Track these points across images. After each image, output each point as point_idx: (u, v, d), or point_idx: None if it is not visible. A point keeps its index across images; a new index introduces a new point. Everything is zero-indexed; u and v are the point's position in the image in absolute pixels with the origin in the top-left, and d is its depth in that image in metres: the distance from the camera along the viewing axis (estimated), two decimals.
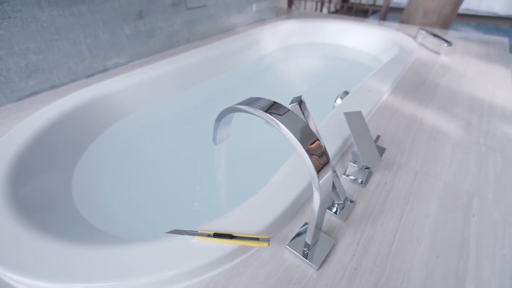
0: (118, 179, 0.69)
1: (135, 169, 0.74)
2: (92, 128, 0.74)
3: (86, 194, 0.59)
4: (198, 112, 1.01)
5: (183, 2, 1.12)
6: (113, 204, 0.61)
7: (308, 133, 0.26)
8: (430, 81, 0.90)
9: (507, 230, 0.42)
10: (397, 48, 1.16)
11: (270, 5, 1.53)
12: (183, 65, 1.02)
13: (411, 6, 1.69)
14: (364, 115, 0.65)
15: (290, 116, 0.27)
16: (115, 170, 0.71)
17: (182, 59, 1.03)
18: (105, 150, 0.73)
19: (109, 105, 0.80)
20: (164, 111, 0.96)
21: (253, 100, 0.30)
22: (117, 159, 0.75)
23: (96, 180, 0.65)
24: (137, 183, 0.70)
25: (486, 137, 0.64)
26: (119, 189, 0.66)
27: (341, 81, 1.24)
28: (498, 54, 1.15)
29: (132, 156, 0.78)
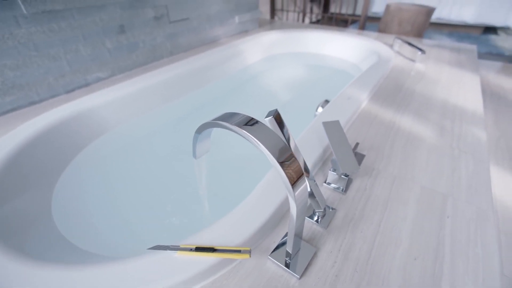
0: (99, 195, 0.68)
1: (117, 185, 0.73)
2: (73, 144, 0.72)
3: (67, 212, 0.57)
4: (183, 125, 1.01)
5: (166, 16, 1.13)
6: (95, 222, 0.59)
7: (282, 147, 0.27)
8: (407, 88, 0.94)
9: (479, 229, 0.44)
10: (375, 56, 1.21)
11: (252, 16, 1.56)
12: (166, 78, 1.02)
13: (387, 16, 1.77)
14: (344, 123, 0.68)
15: (264, 131, 0.28)
16: (97, 187, 0.70)
17: (165, 72, 1.04)
18: (86, 167, 0.72)
19: (90, 120, 0.79)
20: (148, 125, 0.95)
21: (229, 115, 0.31)
22: (99, 175, 0.74)
23: (76, 198, 0.64)
24: (119, 198, 0.69)
25: (459, 140, 0.67)
26: (101, 206, 0.65)
27: (323, 89, 1.28)
28: (468, 60, 1.21)
29: (114, 172, 0.77)
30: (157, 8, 1.08)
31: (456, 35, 2.92)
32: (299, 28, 1.63)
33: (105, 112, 0.85)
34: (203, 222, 0.61)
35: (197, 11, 1.25)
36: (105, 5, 0.92)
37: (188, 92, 1.10)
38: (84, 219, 0.59)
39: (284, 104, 1.18)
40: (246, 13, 1.52)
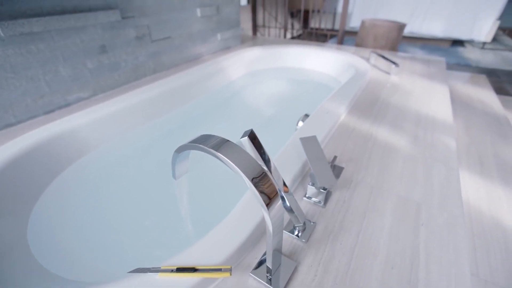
0: (78, 219, 0.66)
1: (98, 207, 0.72)
2: (51, 167, 0.71)
3: (44, 238, 0.56)
4: (166, 142, 1.01)
5: (148, 35, 1.15)
6: (74, 247, 0.58)
7: (256, 168, 0.29)
8: (383, 99, 0.99)
9: (451, 235, 0.47)
10: (353, 69, 1.26)
11: (234, 33, 1.61)
12: (149, 96, 1.03)
13: (363, 31, 1.87)
14: (323, 136, 0.70)
15: (238, 153, 0.29)
16: (76, 210, 0.68)
17: (148, 90, 1.05)
18: (65, 190, 0.70)
19: (70, 142, 0.77)
20: (131, 143, 0.95)
21: (205, 138, 0.32)
22: (78, 198, 0.72)
23: (54, 223, 0.62)
24: (100, 221, 0.67)
25: (431, 149, 0.70)
26: (80, 230, 0.63)
27: (305, 102, 1.32)
28: (437, 72, 1.29)
29: (95, 194, 0.76)
30: (139, 28, 1.10)
31: (428, 47, 3.09)
32: (280, 43, 1.69)
33: (86, 132, 0.84)
34: (185, 241, 0.60)
35: (179, 30, 1.27)
36: (86, 26, 0.92)
37: (171, 110, 1.11)
38: (62, 245, 0.57)
39: (267, 119, 1.21)
40: (227, 30, 1.56)
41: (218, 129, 1.12)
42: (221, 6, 1.48)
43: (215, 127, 1.13)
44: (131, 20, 1.06)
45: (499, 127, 1.17)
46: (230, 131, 1.12)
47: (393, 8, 3.13)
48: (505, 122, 1.21)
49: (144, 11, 1.10)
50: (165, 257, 0.39)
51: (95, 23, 0.94)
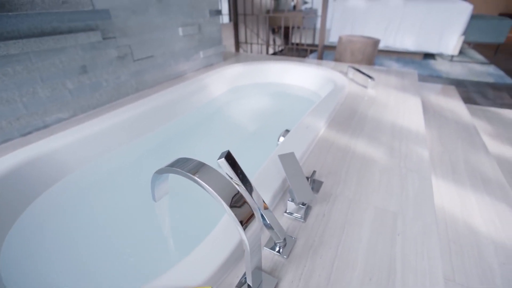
0: (55, 245, 0.64)
1: (76, 233, 0.69)
2: (27, 192, 0.69)
3: (18, 269, 0.53)
4: (150, 161, 1.00)
5: (130, 55, 1.16)
6: (50, 276, 0.55)
7: (231, 190, 0.30)
8: (360, 113, 1.03)
9: (425, 243, 0.49)
10: (332, 84, 1.32)
11: (216, 51, 1.64)
12: (132, 115, 1.03)
13: (340, 47, 1.96)
14: (303, 151, 0.72)
15: (214, 176, 0.30)
16: (53, 236, 0.66)
17: (130, 109, 1.04)
18: (41, 216, 0.68)
19: (48, 165, 0.76)
20: (112, 164, 0.93)
21: (182, 161, 0.33)
22: (55, 223, 0.70)
23: (29, 251, 0.60)
24: (77, 247, 0.65)
25: (406, 160, 0.74)
26: (58, 257, 0.61)
27: (287, 116, 1.35)
28: (410, 84, 1.37)
29: (73, 218, 0.73)
30: (121, 48, 1.11)
31: (403, 60, 3.27)
32: (262, 60, 1.74)
33: (65, 154, 0.82)
34: (167, 263, 0.59)
35: (161, 49, 1.29)
36: (65, 47, 0.92)
37: (155, 128, 1.11)
38: (36, 274, 0.55)
39: (250, 134, 1.23)
40: (210, 48, 1.59)
41: (202, 146, 1.12)
42: (203, 25, 1.52)
43: (199, 144, 1.14)
44: (112, 40, 1.07)
45: (468, 135, 1.24)
46: (214, 148, 1.13)
47: (368, 25, 3.31)
48: (473, 130, 1.28)
49: (125, 31, 1.11)
50: (146, 280, 0.39)
51: (75, 44, 0.94)
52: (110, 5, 1.04)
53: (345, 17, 3.39)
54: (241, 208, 0.29)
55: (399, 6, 3.16)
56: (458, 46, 3.01)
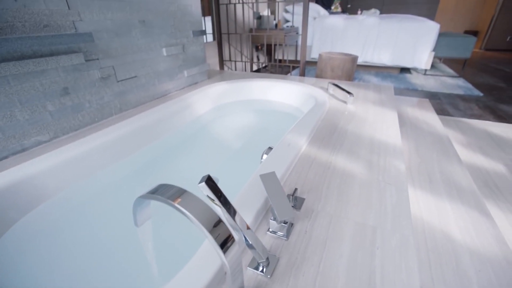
0: (35, 273, 0.61)
1: (57, 259, 0.67)
2: (2, 219, 0.66)
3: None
4: (133, 183, 0.99)
5: (113, 75, 1.16)
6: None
7: (211, 216, 0.31)
8: (340, 128, 1.07)
9: (403, 256, 0.51)
10: (313, 100, 1.37)
11: (200, 70, 1.68)
12: (115, 136, 1.02)
13: (321, 63, 2.05)
14: (285, 168, 0.74)
15: (194, 202, 0.31)
16: (32, 263, 0.63)
17: (114, 130, 1.04)
18: (19, 243, 0.65)
19: (26, 190, 0.73)
20: (95, 187, 0.91)
21: (162, 188, 0.34)
22: (34, 250, 0.67)
23: (6, 279, 0.57)
24: (58, 274, 0.63)
25: (384, 173, 0.77)
26: (37, 285, 0.58)
27: (271, 132, 1.38)
28: (387, 99, 1.44)
29: (53, 245, 0.71)
30: (104, 69, 1.12)
31: (381, 74, 3.43)
32: (246, 77, 1.78)
33: (44, 178, 0.80)
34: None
35: (145, 69, 1.30)
36: (46, 70, 0.92)
37: (139, 148, 1.10)
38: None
39: (235, 152, 1.24)
40: (194, 67, 1.62)
41: (187, 165, 1.12)
42: (187, 45, 1.55)
43: (184, 163, 1.14)
44: (95, 62, 1.08)
45: (442, 146, 1.31)
46: (199, 166, 1.13)
47: (347, 41, 3.48)
48: (447, 141, 1.36)
49: (109, 53, 1.12)
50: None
51: (57, 66, 0.94)
52: (93, 28, 1.05)
53: (325, 35, 3.55)
54: (221, 233, 0.30)
55: (374, 25, 3.35)
56: (430, 61, 3.21)
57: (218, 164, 1.16)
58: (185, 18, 1.50)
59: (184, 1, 1.48)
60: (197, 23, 1.61)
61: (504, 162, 1.49)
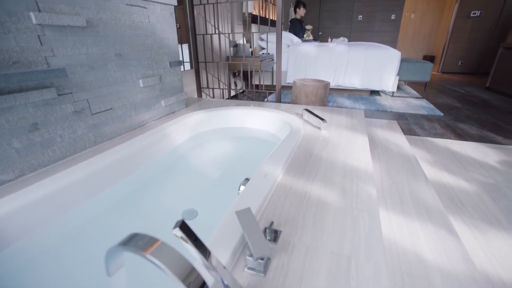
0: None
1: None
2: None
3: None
4: (109, 220, 0.95)
5: (87, 108, 1.15)
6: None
7: (185, 265, 0.31)
8: (315, 155, 1.12)
9: (376, 284, 0.53)
10: (288, 126, 1.42)
11: (178, 99, 1.69)
12: (89, 171, 0.99)
13: (296, 90, 2.15)
14: (262, 200, 0.76)
15: (167, 253, 0.31)
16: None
17: (88, 164, 1.01)
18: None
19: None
20: (66, 227, 0.87)
21: (134, 238, 0.34)
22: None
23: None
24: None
25: (356, 199, 0.81)
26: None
27: (249, 160, 1.40)
28: (358, 123, 1.53)
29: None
30: (77, 103, 1.10)
31: (353, 97, 3.64)
32: (223, 105, 1.82)
33: (8, 221, 0.75)
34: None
35: (121, 100, 1.30)
36: (14, 106, 0.89)
37: (115, 183, 1.07)
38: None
39: (213, 182, 1.24)
40: (171, 96, 1.64)
41: (164, 197, 1.10)
42: (164, 76, 1.58)
43: (162, 195, 1.12)
44: (68, 96, 1.06)
45: (411, 166, 1.39)
46: (177, 198, 1.12)
47: (319, 67, 3.69)
48: (415, 161, 1.45)
49: (83, 87, 1.12)
50: None
51: (26, 102, 0.92)
52: (67, 62, 1.05)
53: (299, 61, 3.75)
54: (195, 282, 0.31)
55: (343, 52, 3.60)
56: (395, 84, 3.47)
57: (196, 194, 1.15)
58: (162, 50, 1.54)
59: (161, 34, 1.53)
60: (174, 54, 1.65)
61: (465, 178, 1.60)
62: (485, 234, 1.14)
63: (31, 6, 0.92)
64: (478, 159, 1.87)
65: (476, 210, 1.30)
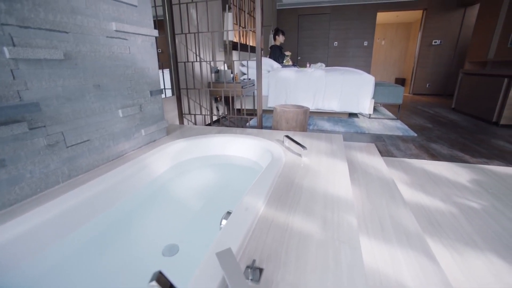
0: None
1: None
2: None
3: None
4: (85, 259, 0.89)
5: (62, 141, 1.11)
6: None
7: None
8: (296, 183, 1.13)
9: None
10: (269, 154, 1.43)
11: (159, 127, 1.68)
12: (63, 208, 0.93)
13: (276, 116, 2.20)
14: (243, 235, 0.74)
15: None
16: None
17: (61, 201, 0.96)
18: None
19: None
20: (34, 272, 0.80)
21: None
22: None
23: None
24: None
25: (338, 230, 0.81)
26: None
27: (231, 189, 1.39)
28: (338, 148, 1.57)
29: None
30: (51, 136, 1.06)
31: (332, 119, 3.78)
32: (205, 132, 1.82)
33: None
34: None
35: (99, 131, 1.27)
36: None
37: (91, 218, 1.02)
38: None
39: (195, 213, 1.21)
40: (152, 125, 1.62)
41: (145, 230, 1.06)
42: (144, 104, 1.57)
43: (141, 230, 1.07)
44: (41, 129, 1.03)
45: (389, 190, 1.44)
46: (157, 233, 1.07)
47: (299, 91, 3.83)
48: (393, 184, 1.50)
49: (58, 119, 1.08)
50: None
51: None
52: (42, 95, 1.02)
53: (280, 86, 3.88)
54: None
55: (321, 77, 3.78)
56: (371, 107, 3.65)
57: (178, 228, 1.12)
58: (142, 80, 1.55)
59: (142, 64, 1.54)
60: (155, 83, 1.66)
61: (440, 198, 1.67)
62: (463, 256, 1.17)
63: (5, 41, 0.90)
64: (451, 179, 1.96)
65: (453, 231, 1.35)
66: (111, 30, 1.31)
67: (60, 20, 1.07)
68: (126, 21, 1.40)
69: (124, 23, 1.39)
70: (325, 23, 7.09)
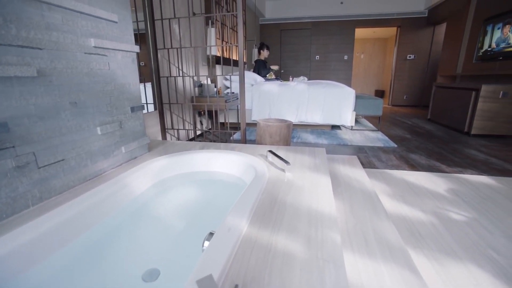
0: None
1: None
2: None
3: None
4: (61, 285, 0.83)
5: (33, 162, 1.05)
6: None
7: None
8: (280, 200, 1.12)
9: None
10: (253, 170, 1.42)
11: (140, 144, 1.64)
12: (31, 235, 0.87)
13: (260, 130, 2.21)
14: (226, 257, 0.72)
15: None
16: None
17: (30, 227, 0.89)
18: None
19: None
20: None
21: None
22: None
23: None
24: None
25: (322, 249, 0.81)
26: None
27: (214, 206, 1.36)
28: (321, 163, 1.59)
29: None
30: (21, 157, 1.00)
31: (316, 132, 3.85)
32: (188, 148, 1.79)
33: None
34: None
35: (75, 150, 1.22)
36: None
37: (66, 243, 0.95)
38: None
39: (177, 233, 1.17)
40: (133, 142, 1.58)
41: (123, 255, 1.00)
42: (125, 121, 1.53)
43: (120, 253, 1.01)
44: (9, 150, 0.97)
45: (372, 203, 1.46)
46: (136, 256, 1.02)
47: (282, 104, 3.89)
48: (375, 197, 1.52)
49: (29, 138, 1.03)
50: None
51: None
52: (11, 114, 0.97)
53: (263, 99, 3.92)
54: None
55: (304, 90, 3.86)
56: (353, 119, 3.76)
57: (159, 250, 1.07)
58: (122, 96, 1.51)
59: (122, 80, 1.51)
60: (135, 98, 1.62)
61: (421, 208, 1.71)
62: (444, 266, 1.20)
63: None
64: (430, 189, 2.03)
65: (434, 241, 1.38)
66: (89, 46, 1.28)
67: (33, 37, 1.04)
68: (105, 37, 1.38)
69: (104, 39, 1.37)
70: (307, 38, 7.34)
